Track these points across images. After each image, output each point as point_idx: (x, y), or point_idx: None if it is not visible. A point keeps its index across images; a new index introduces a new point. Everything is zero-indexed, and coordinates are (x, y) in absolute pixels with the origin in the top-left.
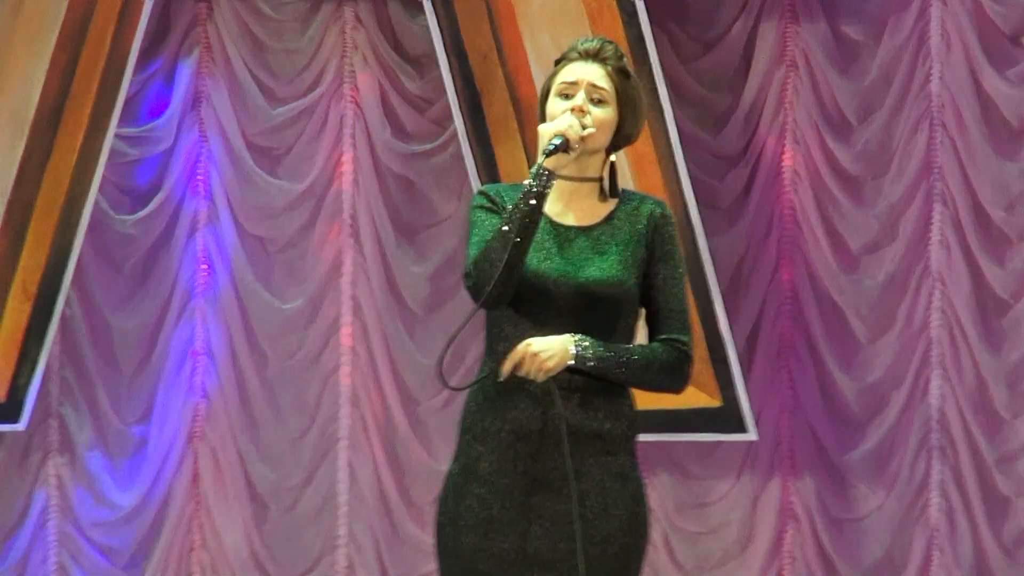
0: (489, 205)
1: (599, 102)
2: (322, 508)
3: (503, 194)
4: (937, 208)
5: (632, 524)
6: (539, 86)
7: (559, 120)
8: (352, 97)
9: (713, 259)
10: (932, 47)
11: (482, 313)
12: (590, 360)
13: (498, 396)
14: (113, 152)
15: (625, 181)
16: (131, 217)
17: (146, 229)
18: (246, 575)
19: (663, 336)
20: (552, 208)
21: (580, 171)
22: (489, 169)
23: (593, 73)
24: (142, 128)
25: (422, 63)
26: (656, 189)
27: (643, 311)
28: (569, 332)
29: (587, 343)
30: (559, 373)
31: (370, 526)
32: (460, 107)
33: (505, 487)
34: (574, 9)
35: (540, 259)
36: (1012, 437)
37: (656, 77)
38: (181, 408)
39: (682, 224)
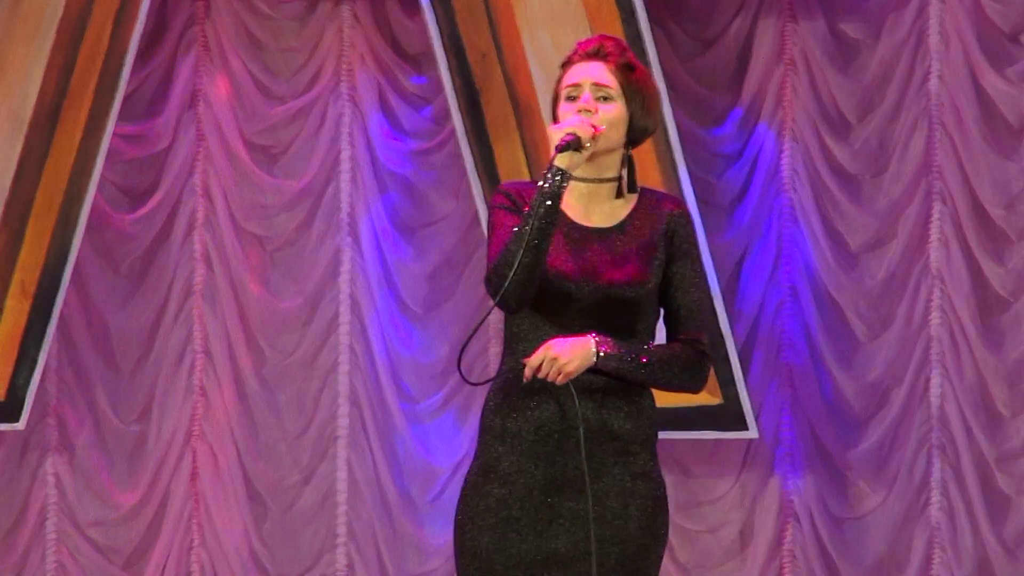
0: (509, 204)
1: (605, 99)
2: (321, 506)
3: (523, 193)
4: (936, 206)
5: (651, 525)
6: (538, 85)
7: (568, 120)
8: (350, 95)
9: (713, 257)
10: (931, 45)
11: (501, 312)
12: (612, 362)
13: (518, 396)
14: (111, 151)
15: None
16: (129, 216)
17: (144, 228)
18: (245, 574)
19: (681, 336)
20: (572, 210)
21: (597, 172)
22: (488, 168)
23: (595, 71)
24: (140, 127)
25: (420, 61)
26: (655, 187)
27: (662, 311)
28: (589, 332)
29: (608, 344)
30: (581, 374)
31: (369, 524)
32: (459, 106)
33: (525, 487)
34: (573, 7)
35: (561, 260)
36: (1013, 435)
37: (654, 75)
38: (179, 407)
39: None
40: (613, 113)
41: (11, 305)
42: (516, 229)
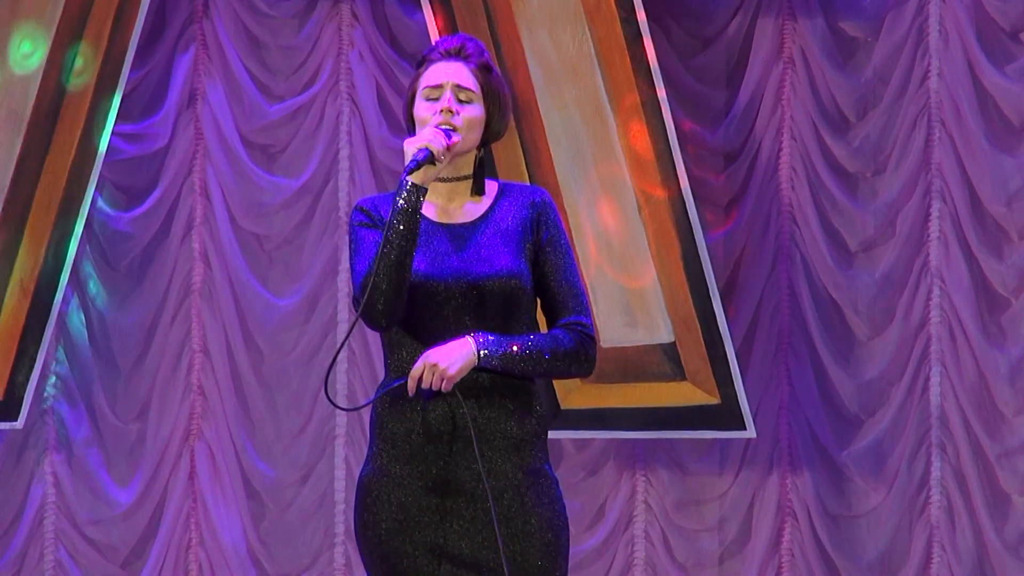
0: (368, 222)
1: (466, 101)
2: (320, 505)
3: (379, 207)
4: (935, 204)
5: (552, 520)
6: (537, 84)
7: (423, 133)
8: (349, 94)
9: (711, 255)
10: (930, 43)
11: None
12: (495, 358)
13: (406, 399)
14: (110, 149)
15: (623, 178)
16: (128, 214)
17: (143, 226)
18: (244, 572)
19: (562, 321)
20: (431, 210)
21: (454, 171)
22: (487, 167)
23: (457, 72)
24: (139, 125)
25: (419, 60)
26: (654, 186)
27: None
28: (466, 332)
29: (489, 340)
30: (466, 375)
31: None
32: None
33: (420, 490)
34: (572, 6)
35: (428, 262)
36: (1012, 433)
37: (653, 73)
38: (178, 405)
39: (679, 220)
40: (473, 115)
41: (10, 304)
42: (379, 249)
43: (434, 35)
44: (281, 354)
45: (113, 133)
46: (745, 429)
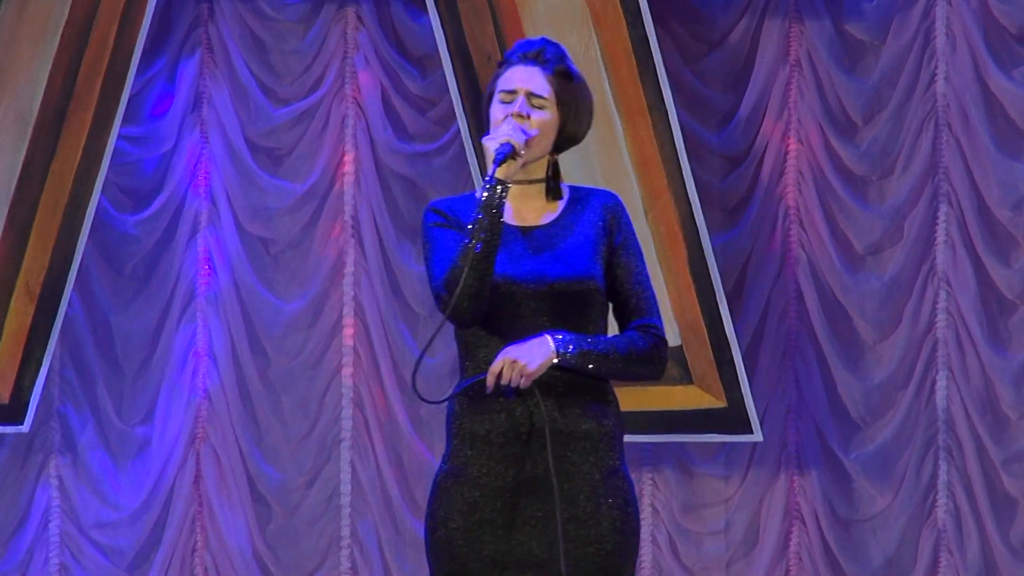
0: (444, 222)
1: (538, 107)
2: (325, 508)
3: (455, 208)
4: (943, 208)
5: (624, 523)
6: None
7: (500, 130)
8: (354, 98)
9: (718, 259)
10: (937, 46)
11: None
12: (572, 357)
13: (484, 399)
14: (116, 153)
15: (629, 181)
16: (133, 218)
17: (148, 230)
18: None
19: (636, 323)
20: (506, 212)
21: (526, 174)
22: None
23: (532, 78)
24: (144, 129)
25: (424, 63)
26: (660, 189)
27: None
28: (543, 332)
29: (567, 338)
30: (542, 374)
31: (374, 526)
32: (464, 108)
33: (495, 489)
34: (578, 10)
35: (506, 263)
36: (1019, 437)
37: (660, 77)
38: (183, 409)
39: (686, 224)
40: (545, 120)
41: (16, 307)
42: (464, 245)
43: (440, 39)
44: (287, 358)
45: (119, 136)
46: (752, 433)
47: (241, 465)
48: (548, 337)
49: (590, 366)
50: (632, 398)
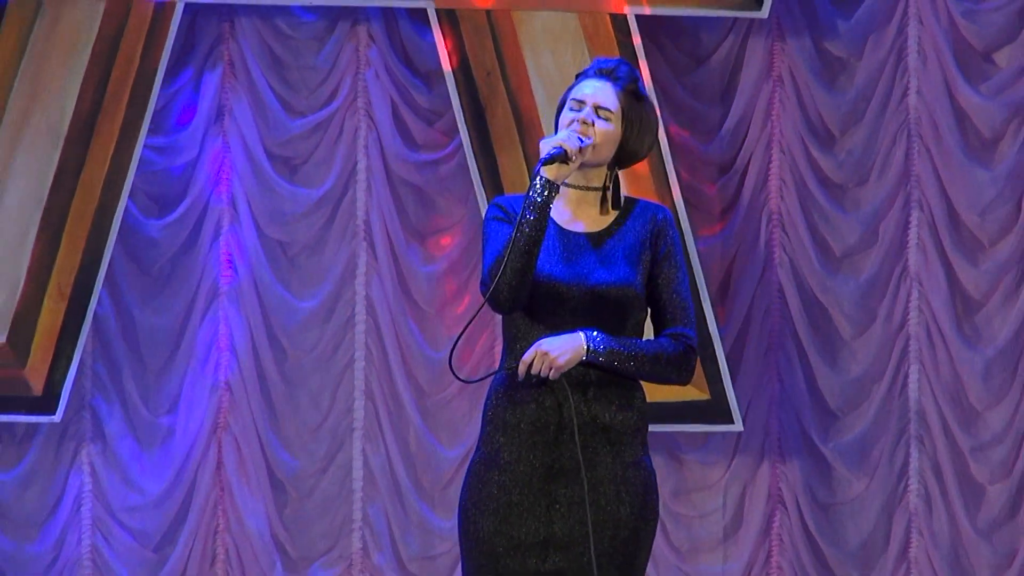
0: (503, 216)
1: (604, 119)
2: (338, 493)
3: (515, 205)
4: (915, 213)
5: (643, 510)
6: (539, 101)
7: (559, 134)
8: (365, 110)
9: (705, 262)
10: (909, 63)
11: (491, 316)
12: (601, 355)
13: (517, 390)
14: (142, 161)
15: (619, 188)
16: (159, 222)
17: (173, 233)
18: (268, 556)
19: (668, 331)
20: (561, 216)
21: (586, 181)
22: (492, 177)
23: (602, 92)
24: (169, 139)
25: (431, 78)
26: (649, 196)
27: (649, 309)
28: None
29: (599, 338)
30: (574, 368)
31: (383, 510)
32: (465, 120)
33: (524, 475)
34: (572, 28)
35: (552, 264)
36: (986, 427)
37: (649, 90)
38: (206, 400)
39: None
40: (608, 131)
41: (48, 306)
42: (509, 236)
43: (443, 55)
44: (303, 352)
45: (145, 146)
46: (733, 423)
47: (260, 452)
48: (581, 334)
49: (617, 364)
50: None
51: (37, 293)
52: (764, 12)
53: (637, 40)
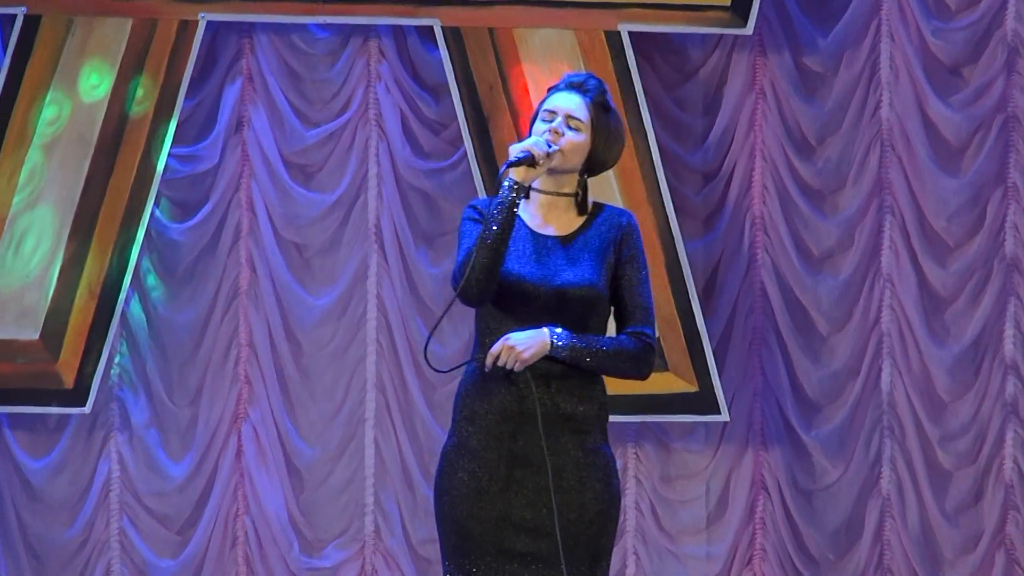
0: (477, 217)
1: (574, 129)
2: (351, 479)
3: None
4: (888, 218)
5: (605, 494)
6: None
7: (527, 140)
8: (376, 121)
9: (693, 262)
10: (882, 78)
11: (471, 311)
12: (564, 350)
13: (485, 382)
14: (167, 168)
15: (613, 194)
16: (182, 225)
17: (196, 236)
18: (286, 539)
19: (629, 330)
20: (532, 220)
21: (557, 187)
22: (494, 183)
23: (573, 104)
24: (192, 147)
25: (437, 91)
26: (640, 201)
27: (613, 308)
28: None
29: (563, 334)
30: (538, 362)
31: (394, 495)
32: (469, 130)
33: (492, 462)
34: (569, 44)
35: (521, 265)
36: (953, 418)
37: (640, 102)
38: (227, 392)
39: (663, 231)
40: (578, 140)
41: (79, 305)
42: (479, 235)
43: (449, 70)
44: (317, 347)
45: (170, 155)
46: (720, 413)
47: (277, 441)
48: (546, 330)
49: (579, 359)
50: (618, 383)
51: (69, 292)
52: (749, 29)
53: (630, 55)
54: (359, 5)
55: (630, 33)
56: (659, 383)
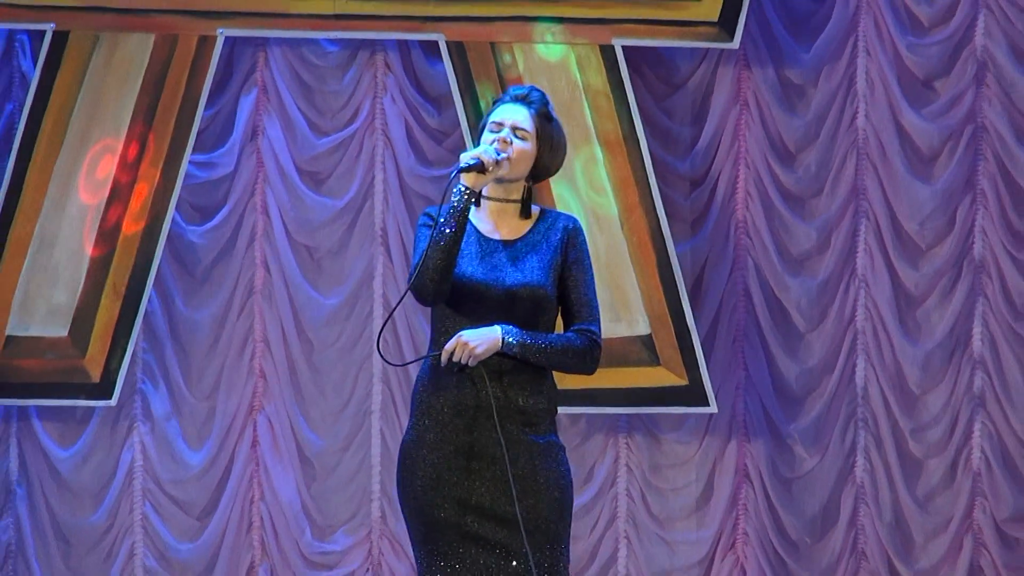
0: (431, 223)
1: (521, 138)
2: (359, 469)
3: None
4: (863, 222)
5: (558, 479)
6: None
7: (477, 148)
8: (383, 130)
9: (681, 264)
10: (859, 90)
11: (427, 310)
12: (515, 346)
13: (440, 377)
14: (187, 175)
15: (608, 199)
16: (201, 228)
17: (213, 238)
18: (298, 524)
19: (576, 327)
20: (484, 226)
21: (505, 194)
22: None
23: (518, 115)
24: (210, 155)
25: (440, 103)
26: (633, 205)
27: (560, 307)
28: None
29: (514, 331)
30: (491, 358)
31: None
32: (472, 140)
33: (449, 454)
34: (565, 58)
35: (473, 268)
36: (923, 410)
37: (633, 112)
38: (243, 386)
39: (655, 234)
40: (525, 149)
41: (105, 303)
42: (430, 237)
43: (452, 82)
44: (327, 344)
45: (189, 162)
46: (708, 405)
47: (290, 432)
48: (498, 327)
49: (529, 355)
50: (610, 377)
51: (95, 292)
52: (736, 43)
53: (623, 68)
54: (367, 21)
55: (623, 47)
56: (651, 377)
